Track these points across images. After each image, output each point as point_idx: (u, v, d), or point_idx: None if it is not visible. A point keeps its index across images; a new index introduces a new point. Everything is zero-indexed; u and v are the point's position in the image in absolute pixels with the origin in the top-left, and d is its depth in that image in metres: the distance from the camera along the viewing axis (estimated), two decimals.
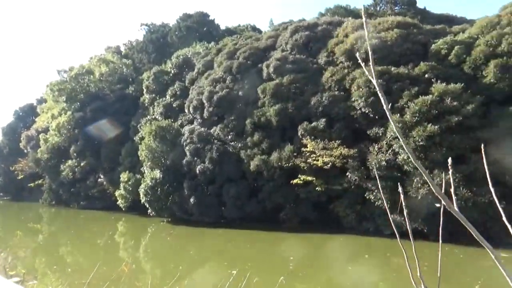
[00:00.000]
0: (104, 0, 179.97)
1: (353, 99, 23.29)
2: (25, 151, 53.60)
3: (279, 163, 25.12)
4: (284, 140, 26.35)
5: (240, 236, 24.27)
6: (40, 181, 50.03)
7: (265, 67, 28.58)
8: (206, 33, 47.51)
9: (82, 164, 42.30)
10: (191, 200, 28.15)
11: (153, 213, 30.94)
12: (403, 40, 24.64)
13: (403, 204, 1.39)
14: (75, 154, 43.26)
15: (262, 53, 30.67)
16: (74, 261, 20.31)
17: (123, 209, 35.70)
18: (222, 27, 54.05)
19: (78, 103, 45.19)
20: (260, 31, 49.57)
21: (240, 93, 29.21)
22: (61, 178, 44.72)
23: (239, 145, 28.12)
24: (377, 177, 23.69)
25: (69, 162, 43.56)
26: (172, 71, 38.72)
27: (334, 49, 26.64)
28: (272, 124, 26.35)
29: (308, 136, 24.22)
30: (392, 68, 23.11)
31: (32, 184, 50.88)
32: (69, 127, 43.87)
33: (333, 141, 23.24)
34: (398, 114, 21.00)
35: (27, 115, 64.57)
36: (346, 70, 24.85)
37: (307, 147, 24.03)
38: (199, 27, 48.46)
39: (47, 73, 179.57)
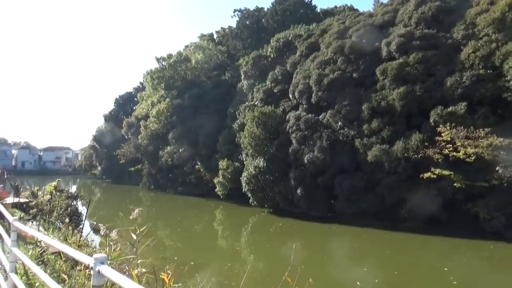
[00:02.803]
0: None
1: (507, 77, 19.13)
2: (126, 137, 56.52)
3: (405, 154, 21.88)
4: (409, 127, 22.98)
5: (361, 234, 21.62)
6: (139, 166, 52.26)
7: (384, 45, 25.26)
8: (302, 16, 44.96)
9: (180, 150, 42.85)
10: (298, 191, 26.17)
11: (254, 202, 29.68)
12: None
13: None
14: (173, 140, 44.01)
15: (379, 30, 27.27)
16: (172, 247, 19.52)
17: (221, 196, 35.16)
18: (317, 9, 51.14)
19: (176, 91, 45.86)
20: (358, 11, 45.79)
21: (354, 75, 26.30)
22: (159, 164, 46.01)
23: (352, 132, 25.33)
24: None
25: (168, 148, 44.48)
26: (272, 56, 36.96)
27: (475, 20, 22.40)
28: (395, 109, 23.09)
29: (443, 123, 20.60)
30: None
31: (132, 169, 53.37)
32: (168, 114, 44.70)
33: (479, 129, 19.36)
34: None
35: (126, 102, 68.44)
36: (494, 44, 20.59)
37: (442, 136, 20.45)
38: (296, 10, 46.08)
39: (143, 63, 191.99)
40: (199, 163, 41.09)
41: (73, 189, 37.28)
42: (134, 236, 5.71)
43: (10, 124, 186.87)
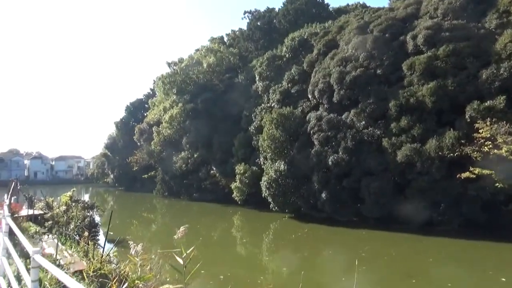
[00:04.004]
0: None
1: None
2: (138, 144, 55.71)
3: (439, 153, 20.46)
4: (441, 124, 21.58)
5: (394, 239, 20.25)
6: (152, 173, 51.35)
7: (410, 38, 23.95)
8: (315, 15, 43.83)
9: (194, 155, 41.83)
10: (323, 195, 24.86)
11: (275, 207, 28.44)
12: None
13: None
14: (187, 145, 43.04)
15: (402, 24, 25.98)
16: (195, 257, 18.27)
17: (238, 202, 33.99)
18: (329, 8, 49.98)
19: (188, 95, 44.94)
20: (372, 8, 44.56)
21: (378, 71, 24.99)
22: (173, 170, 45.00)
23: (378, 132, 23.97)
24: None
25: (182, 154, 43.49)
26: (287, 55, 35.79)
27: (509, 8, 21.02)
28: (426, 105, 21.70)
29: (481, 119, 19.18)
30: None
31: (145, 176, 52.49)
32: (181, 119, 43.77)
33: None
34: None
35: (137, 109, 67.79)
36: None
37: (480, 132, 19.02)
38: (308, 9, 44.97)
39: (153, 71, 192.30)
40: (214, 168, 40.01)
41: (86, 198, 36.43)
42: (180, 260, 4.58)
43: (22, 134, 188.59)
